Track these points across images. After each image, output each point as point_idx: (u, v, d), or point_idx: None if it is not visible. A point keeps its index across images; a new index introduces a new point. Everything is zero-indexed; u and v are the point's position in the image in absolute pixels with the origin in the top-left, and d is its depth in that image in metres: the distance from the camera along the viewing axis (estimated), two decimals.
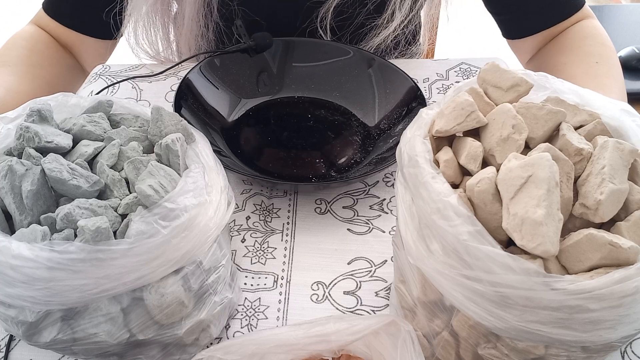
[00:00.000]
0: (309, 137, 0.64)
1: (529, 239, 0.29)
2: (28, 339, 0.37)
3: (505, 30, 0.78)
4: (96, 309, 0.35)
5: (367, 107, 0.67)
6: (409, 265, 0.37)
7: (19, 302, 0.34)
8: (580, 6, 0.72)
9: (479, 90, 0.38)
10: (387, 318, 0.37)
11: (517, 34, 0.76)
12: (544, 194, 0.29)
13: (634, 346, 0.44)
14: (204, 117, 0.62)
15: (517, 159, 0.32)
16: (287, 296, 0.49)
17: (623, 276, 0.28)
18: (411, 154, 0.36)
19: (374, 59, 0.68)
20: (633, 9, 1.33)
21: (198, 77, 0.65)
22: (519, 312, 0.30)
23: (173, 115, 0.42)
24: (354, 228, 0.55)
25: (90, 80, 0.74)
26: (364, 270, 0.51)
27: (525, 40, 0.75)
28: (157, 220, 0.35)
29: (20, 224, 0.36)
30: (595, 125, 0.36)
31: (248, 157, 0.61)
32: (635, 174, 0.34)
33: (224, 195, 0.41)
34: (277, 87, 0.70)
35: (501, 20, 0.77)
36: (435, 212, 0.32)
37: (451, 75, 0.74)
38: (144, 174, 0.37)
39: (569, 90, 0.40)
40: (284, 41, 0.70)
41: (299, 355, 0.38)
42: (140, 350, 0.39)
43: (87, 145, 0.39)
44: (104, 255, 0.33)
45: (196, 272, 0.38)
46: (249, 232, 0.54)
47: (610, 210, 0.31)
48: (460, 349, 0.36)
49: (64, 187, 0.36)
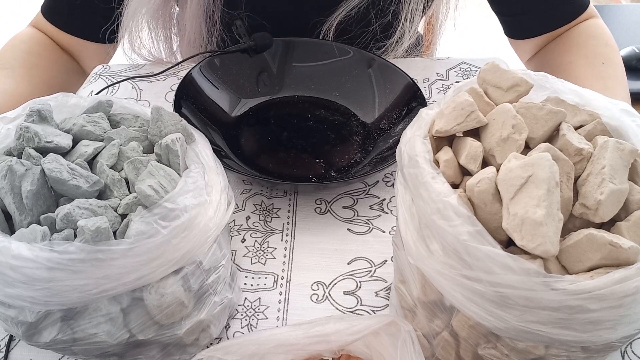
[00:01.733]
0: (309, 137, 0.64)
1: (529, 239, 0.29)
2: (28, 339, 0.37)
3: (508, 30, 0.77)
4: (96, 309, 0.35)
5: (367, 107, 0.67)
6: (409, 265, 0.37)
7: (19, 302, 0.34)
8: (585, 7, 0.72)
9: (479, 90, 0.38)
10: (387, 318, 0.37)
11: (521, 34, 0.75)
12: (544, 194, 0.29)
13: (634, 346, 0.44)
14: (203, 117, 0.62)
15: (517, 159, 0.32)
16: (287, 296, 0.49)
17: (623, 276, 0.28)
18: (411, 154, 0.36)
19: (374, 59, 0.68)
20: (633, 9, 1.33)
21: (198, 77, 0.65)
22: (519, 312, 0.30)
23: (173, 115, 0.42)
24: (354, 228, 0.55)
25: (90, 80, 0.74)
26: (364, 270, 0.51)
27: (528, 41, 0.75)
28: (157, 220, 0.35)
29: (20, 224, 0.36)
30: (595, 125, 0.36)
31: (248, 157, 0.61)
32: (635, 174, 0.34)
33: (224, 195, 0.41)
34: (277, 87, 0.70)
35: (505, 20, 0.77)
36: (435, 212, 0.32)
37: (451, 75, 0.74)
38: (144, 174, 0.37)
39: (569, 90, 0.40)
40: (284, 41, 0.70)
41: (299, 355, 0.38)
42: (140, 351, 0.39)
43: (87, 145, 0.39)
44: (104, 255, 0.33)
45: (196, 272, 0.38)
46: (249, 232, 0.54)
47: (610, 210, 0.31)
48: (460, 349, 0.36)
49: (63, 187, 0.36)
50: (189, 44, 0.71)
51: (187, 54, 0.72)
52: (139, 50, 0.74)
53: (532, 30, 0.74)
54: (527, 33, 0.75)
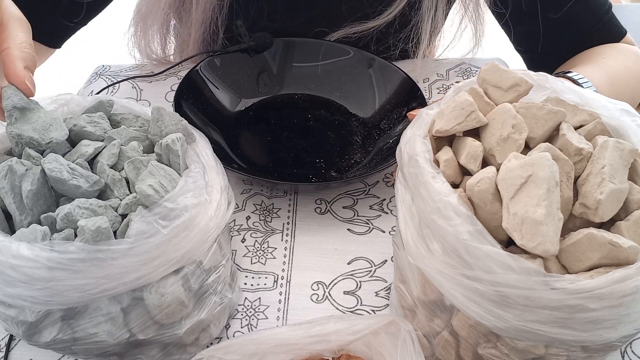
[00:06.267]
0: (309, 137, 0.64)
1: (529, 238, 0.29)
2: (28, 338, 0.37)
3: (531, 66, 0.73)
4: (96, 308, 0.35)
5: (367, 107, 0.67)
6: (409, 265, 0.37)
7: (19, 302, 0.34)
8: (620, 37, 0.67)
9: (479, 90, 0.38)
10: (387, 318, 0.37)
11: (545, 69, 0.72)
12: (544, 193, 0.29)
13: (634, 346, 0.44)
14: (204, 117, 0.62)
15: (517, 159, 0.32)
16: (287, 296, 0.49)
17: (623, 275, 0.28)
18: (411, 153, 0.36)
19: (374, 59, 0.68)
20: (633, 9, 1.33)
21: (198, 77, 0.65)
22: (519, 311, 0.30)
23: (173, 115, 0.42)
24: (354, 228, 0.55)
25: (90, 80, 0.74)
26: (364, 270, 0.51)
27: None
28: (157, 220, 0.35)
29: (20, 224, 0.36)
30: (595, 125, 0.36)
31: (248, 157, 0.61)
32: (635, 173, 0.34)
33: (224, 195, 0.41)
34: (277, 87, 0.70)
35: (528, 57, 0.73)
36: (435, 211, 0.32)
37: (451, 75, 0.74)
38: (144, 174, 0.37)
39: (569, 90, 0.40)
40: (284, 41, 0.70)
41: (299, 355, 0.38)
42: (140, 350, 0.39)
43: (88, 145, 0.39)
44: (104, 255, 0.33)
45: (196, 272, 0.38)
46: (249, 232, 0.54)
47: (610, 209, 0.31)
48: (460, 349, 0.36)
49: (64, 187, 0.36)
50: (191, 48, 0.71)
51: (188, 54, 0.72)
52: (146, 52, 0.73)
53: (557, 64, 0.70)
54: (553, 66, 0.70)
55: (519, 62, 0.81)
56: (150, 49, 0.74)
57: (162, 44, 0.74)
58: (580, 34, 0.67)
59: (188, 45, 0.71)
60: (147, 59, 0.75)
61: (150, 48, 0.73)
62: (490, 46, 0.77)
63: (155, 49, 0.74)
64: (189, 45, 0.71)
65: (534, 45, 0.69)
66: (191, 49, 0.71)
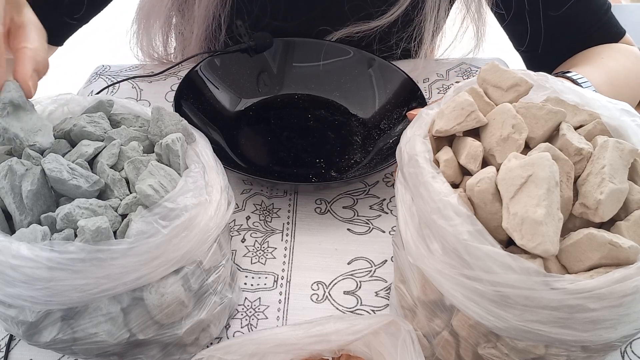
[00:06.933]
0: (309, 137, 0.64)
1: (529, 238, 0.29)
2: (28, 338, 0.37)
3: (530, 65, 0.73)
4: (96, 308, 0.35)
5: (367, 107, 0.67)
6: (409, 265, 0.37)
7: (19, 301, 0.34)
8: (619, 37, 0.67)
9: (479, 90, 0.38)
10: (387, 318, 0.37)
11: (545, 69, 0.72)
12: (544, 193, 0.29)
13: (634, 346, 0.44)
14: (204, 117, 0.62)
15: (517, 159, 0.32)
16: (287, 296, 0.49)
17: (623, 275, 0.28)
18: (411, 153, 0.36)
19: (374, 59, 0.68)
20: (633, 9, 1.33)
21: (198, 77, 0.65)
22: (519, 311, 0.30)
23: (173, 115, 0.42)
24: (354, 228, 0.55)
25: (90, 80, 0.74)
26: (364, 270, 0.51)
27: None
28: (157, 220, 0.35)
29: (20, 224, 0.36)
30: (595, 125, 0.36)
31: (248, 157, 0.61)
32: (635, 173, 0.34)
33: (224, 195, 0.41)
34: (277, 87, 0.70)
35: (528, 57, 0.73)
36: (435, 211, 0.32)
37: (451, 75, 0.74)
38: (144, 174, 0.37)
39: (569, 90, 0.40)
40: (284, 41, 0.70)
41: (299, 355, 0.38)
42: (140, 350, 0.39)
43: (87, 145, 0.39)
44: (104, 255, 0.33)
45: (196, 272, 0.38)
46: (249, 232, 0.54)
47: (610, 209, 0.31)
48: (460, 349, 0.36)
49: (64, 187, 0.36)
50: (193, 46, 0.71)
51: (188, 54, 0.72)
52: (148, 50, 0.73)
53: (557, 64, 0.70)
54: (551, 66, 0.70)
55: (519, 62, 0.81)
56: (152, 47, 0.74)
57: (164, 42, 0.74)
58: (580, 34, 0.67)
59: (190, 43, 0.71)
60: (149, 57, 0.75)
61: (152, 46, 0.74)
62: (491, 46, 0.77)
63: (157, 47, 0.74)
64: (190, 43, 0.71)
65: (534, 45, 0.69)
66: (193, 47, 0.71)
